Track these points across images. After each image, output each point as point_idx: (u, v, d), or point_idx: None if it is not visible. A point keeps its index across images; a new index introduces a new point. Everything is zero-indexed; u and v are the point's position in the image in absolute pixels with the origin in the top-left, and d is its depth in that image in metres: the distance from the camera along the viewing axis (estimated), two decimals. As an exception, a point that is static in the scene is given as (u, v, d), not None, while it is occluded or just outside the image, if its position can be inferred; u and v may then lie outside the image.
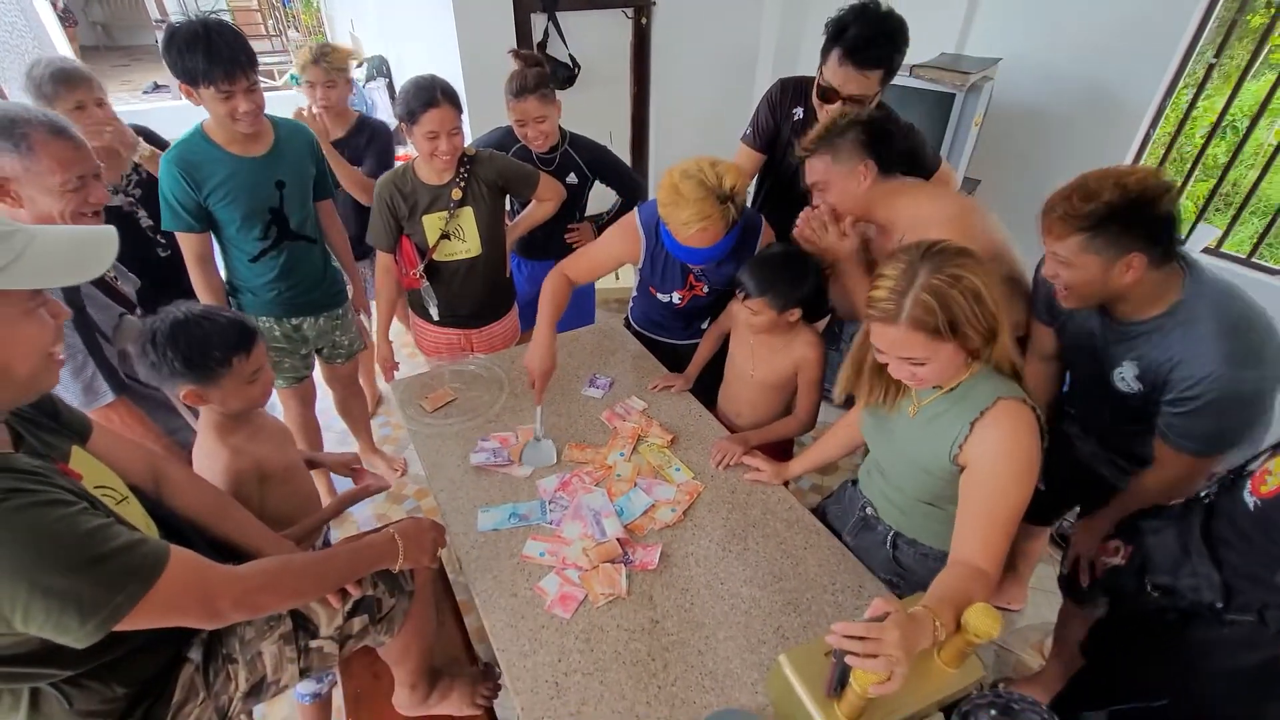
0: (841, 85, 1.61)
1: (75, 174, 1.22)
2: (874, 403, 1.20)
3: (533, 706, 1.07)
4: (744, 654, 1.15)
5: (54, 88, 1.61)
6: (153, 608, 0.78)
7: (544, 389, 1.61)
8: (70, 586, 0.72)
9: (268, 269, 1.82)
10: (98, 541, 0.75)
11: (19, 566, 0.70)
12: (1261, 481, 0.98)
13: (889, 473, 1.25)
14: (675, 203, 1.40)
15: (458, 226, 1.88)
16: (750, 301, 1.49)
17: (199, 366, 1.11)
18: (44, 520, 0.72)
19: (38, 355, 0.80)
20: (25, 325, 0.78)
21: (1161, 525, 1.18)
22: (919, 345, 0.99)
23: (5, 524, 0.70)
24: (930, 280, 0.96)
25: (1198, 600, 1.05)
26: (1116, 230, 1.10)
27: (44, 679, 0.84)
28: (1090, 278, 1.17)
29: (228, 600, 0.86)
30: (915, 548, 1.25)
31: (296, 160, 1.79)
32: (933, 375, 1.03)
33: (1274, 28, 2.47)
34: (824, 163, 1.43)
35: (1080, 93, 2.59)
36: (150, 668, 0.95)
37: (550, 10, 3.03)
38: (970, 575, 0.99)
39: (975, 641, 0.93)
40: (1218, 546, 1.05)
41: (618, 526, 1.35)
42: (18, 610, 0.71)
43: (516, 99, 1.98)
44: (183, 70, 1.50)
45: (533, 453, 1.55)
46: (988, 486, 1.02)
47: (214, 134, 1.66)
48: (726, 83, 3.62)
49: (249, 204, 1.71)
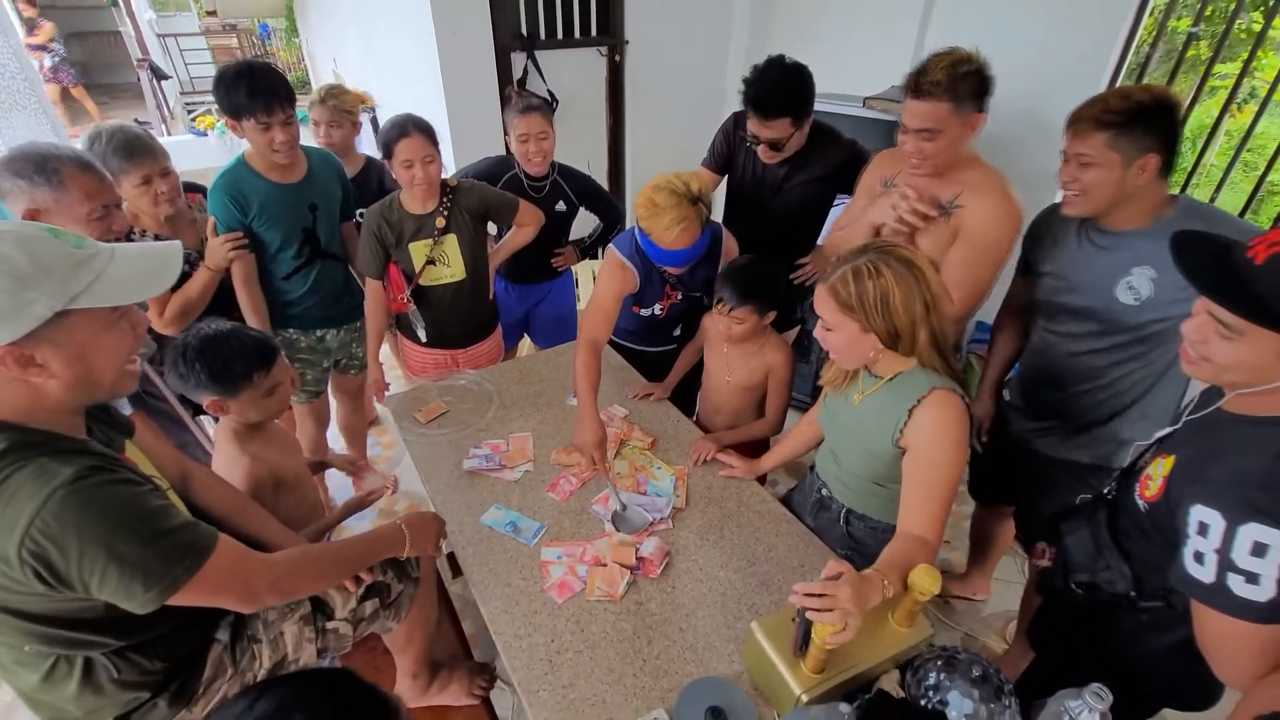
0: (758, 132, 1.84)
1: (100, 204, 1.35)
2: (831, 384, 1.35)
3: (529, 681, 1.16)
4: (721, 629, 1.26)
5: (119, 163, 1.60)
6: (202, 584, 0.88)
7: (604, 458, 1.59)
8: (140, 556, 0.83)
9: (299, 285, 1.99)
10: (162, 518, 0.86)
11: (101, 534, 0.80)
12: (1145, 486, 1.06)
13: (841, 458, 1.38)
14: (654, 214, 1.55)
15: (442, 253, 2.01)
16: (735, 312, 1.63)
17: (222, 379, 1.23)
18: (122, 496, 0.84)
19: (121, 362, 0.91)
20: (109, 336, 0.88)
21: (1076, 525, 1.26)
22: (829, 310, 1.16)
23: (92, 497, 0.81)
24: (859, 263, 1.12)
25: (1115, 592, 1.13)
26: (1140, 130, 1.23)
27: (98, 648, 0.93)
28: (1109, 176, 1.27)
29: (264, 583, 0.96)
30: (865, 522, 1.39)
31: (326, 185, 1.99)
32: (838, 345, 1.19)
33: (1189, 47, 2.73)
34: (944, 109, 1.42)
35: (1023, 118, 2.81)
36: (185, 646, 1.04)
37: (529, 50, 3.21)
38: (914, 544, 1.12)
39: (921, 599, 1.05)
40: (1123, 540, 1.14)
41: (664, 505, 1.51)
42: (95, 574, 0.81)
43: (522, 115, 2.13)
44: (228, 105, 1.69)
45: (621, 523, 1.48)
46: (926, 465, 1.16)
47: (255, 163, 1.83)
48: (697, 114, 3.83)
49: (287, 225, 1.89)
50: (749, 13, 3.61)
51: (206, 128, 5.96)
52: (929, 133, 1.45)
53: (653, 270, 1.77)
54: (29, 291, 0.78)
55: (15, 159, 1.33)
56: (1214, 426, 0.98)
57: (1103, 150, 1.26)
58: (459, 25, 3.01)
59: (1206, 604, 0.89)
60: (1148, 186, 1.29)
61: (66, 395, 0.87)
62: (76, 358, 0.85)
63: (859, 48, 3.23)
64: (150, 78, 6.74)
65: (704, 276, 1.83)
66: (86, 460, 0.84)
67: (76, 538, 0.79)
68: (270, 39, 10.65)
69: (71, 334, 0.83)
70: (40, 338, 0.81)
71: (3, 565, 0.80)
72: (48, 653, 0.92)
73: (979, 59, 1.43)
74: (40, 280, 0.79)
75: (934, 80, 1.40)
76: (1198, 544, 0.88)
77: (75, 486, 0.80)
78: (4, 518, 0.78)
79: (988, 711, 0.99)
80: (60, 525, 0.79)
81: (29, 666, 0.93)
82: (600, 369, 1.73)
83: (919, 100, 1.44)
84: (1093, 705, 0.89)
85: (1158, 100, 1.23)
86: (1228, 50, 3.50)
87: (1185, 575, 0.91)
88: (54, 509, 0.78)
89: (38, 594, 0.83)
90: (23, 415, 0.85)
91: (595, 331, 1.75)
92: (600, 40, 3.44)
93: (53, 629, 0.89)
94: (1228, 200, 3.86)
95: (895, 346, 1.16)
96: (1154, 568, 1.06)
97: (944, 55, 1.43)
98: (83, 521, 0.79)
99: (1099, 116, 1.26)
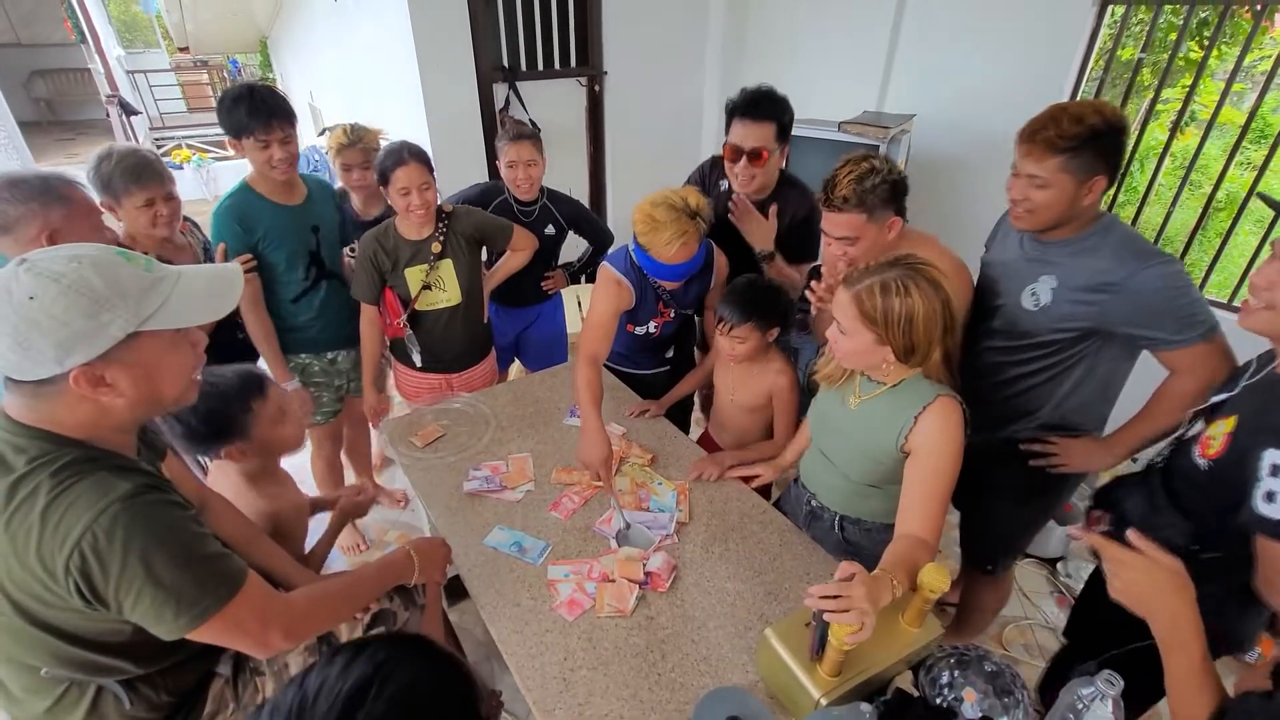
0: (742, 140, 1.84)
1: (98, 216, 1.36)
2: (828, 380, 1.38)
3: (544, 700, 1.15)
4: (733, 639, 1.26)
5: (124, 184, 1.60)
6: (226, 620, 0.87)
7: (610, 476, 1.60)
8: (175, 581, 0.82)
9: (308, 307, 2.01)
10: (201, 545, 0.86)
11: (144, 553, 0.80)
12: (1206, 445, 1.13)
13: (835, 460, 1.40)
14: (654, 229, 1.59)
15: (438, 278, 2.02)
16: (736, 331, 1.65)
17: (226, 422, 1.22)
18: (170, 517, 0.84)
19: (184, 380, 0.92)
20: (174, 355, 0.90)
21: (1131, 490, 1.32)
22: (849, 317, 1.19)
23: (144, 515, 0.81)
24: (888, 277, 1.15)
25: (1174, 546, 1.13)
26: (1092, 154, 1.26)
27: (115, 674, 0.91)
28: (1061, 197, 1.31)
29: (279, 629, 0.95)
30: (860, 525, 1.42)
31: (326, 208, 2.04)
32: (848, 349, 1.22)
33: (1137, 73, 2.90)
34: (859, 219, 1.44)
35: (984, 143, 2.96)
36: (190, 680, 1.01)
37: (511, 80, 3.28)
38: (916, 544, 1.16)
39: (930, 597, 1.08)
40: (1180, 501, 1.20)
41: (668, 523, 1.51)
42: (131, 594, 0.80)
43: (513, 141, 2.16)
44: (229, 124, 1.73)
45: (626, 542, 1.48)
46: (929, 468, 1.20)
47: (258, 186, 1.86)
48: (674, 142, 3.95)
49: (292, 247, 1.91)
50: (722, 44, 3.74)
51: (182, 161, 5.92)
52: (849, 240, 1.47)
53: (647, 286, 1.80)
54: (105, 314, 0.80)
55: (14, 185, 1.34)
56: (1272, 385, 1.06)
57: (1055, 173, 1.30)
58: (442, 57, 3.07)
59: (1277, 537, 0.95)
60: (1092, 206, 1.35)
61: (130, 413, 0.88)
62: (144, 377, 0.86)
63: (830, 76, 3.38)
64: (120, 114, 6.69)
65: (697, 293, 1.87)
66: (141, 478, 0.86)
67: (121, 554, 0.80)
68: (241, 74, 10.66)
69: (140, 354, 0.85)
70: (111, 358, 0.82)
71: (47, 577, 0.80)
72: (63, 678, 0.91)
73: (885, 166, 1.44)
74: (115, 303, 0.81)
75: (843, 196, 1.42)
76: (1269, 484, 0.95)
77: (131, 502, 0.81)
78: (60, 525, 0.78)
79: (1002, 706, 1.01)
80: (109, 539, 0.79)
81: (39, 693, 0.90)
82: (602, 385, 1.73)
83: (831, 212, 1.46)
84: (1105, 691, 0.91)
85: (1109, 123, 1.27)
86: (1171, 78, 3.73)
87: (1256, 515, 0.97)
88: (107, 523, 0.79)
89: (74, 609, 0.83)
90: (87, 432, 0.86)
91: (595, 347, 1.76)
92: (580, 71, 3.54)
93: (78, 649, 0.88)
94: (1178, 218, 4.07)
95: (906, 360, 1.20)
96: (1214, 522, 1.12)
97: (851, 167, 1.43)
98: (130, 539, 0.80)
99: (1053, 140, 1.28)
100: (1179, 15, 3.37)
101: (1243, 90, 4.69)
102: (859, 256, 1.49)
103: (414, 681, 0.57)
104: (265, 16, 6.93)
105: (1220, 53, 4.03)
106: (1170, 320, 1.31)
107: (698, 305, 1.94)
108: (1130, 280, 1.31)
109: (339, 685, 0.55)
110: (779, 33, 3.57)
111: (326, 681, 0.55)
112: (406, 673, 0.57)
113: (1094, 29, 2.57)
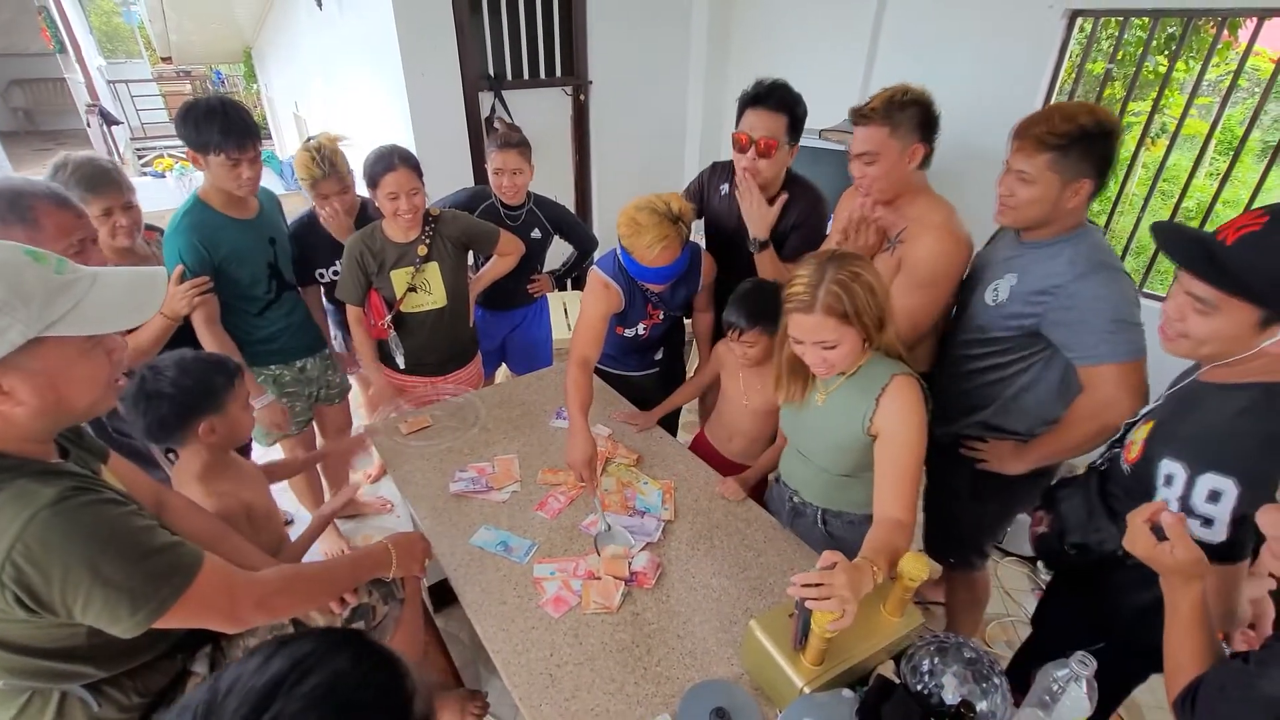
0: (752, 128, 1.80)
1: (75, 238, 1.32)
2: (790, 399, 1.39)
3: (531, 696, 1.15)
4: (718, 634, 1.27)
5: (80, 194, 1.53)
6: (189, 605, 0.86)
7: (594, 477, 1.60)
8: (126, 578, 0.80)
9: (273, 320, 1.99)
10: (148, 539, 0.83)
11: (86, 556, 0.78)
12: (1128, 450, 1.17)
13: (811, 457, 1.43)
14: (636, 232, 1.61)
15: (424, 280, 2.03)
16: (745, 336, 1.66)
17: (211, 390, 1.23)
18: (106, 516, 0.81)
19: (96, 389, 0.88)
20: (83, 364, 0.85)
21: (1071, 492, 1.34)
22: (831, 329, 1.19)
23: (75, 518, 0.78)
24: (837, 275, 1.17)
25: (1104, 551, 1.21)
26: (1080, 154, 1.27)
27: (79, 679, 0.89)
28: (1045, 195, 1.32)
29: (249, 602, 0.94)
30: (841, 518, 1.44)
31: (276, 219, 2.03)
32: (840, 359, 1.23)
33: (1105, 85, 2.98)
34: (882, 134, 1.46)
35: (961, 152, 3.02)
36: (162, 679, 1.00)
37: (496, 89, 3.31)
38: (893, 527, 1.18)
39: (910, 585, 1.10)
40: (1112, 504, 1.22)
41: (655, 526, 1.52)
42: (80, 598, 0.78)
43: (500, 149, 2.18)
44: (196, 139, 1.68)
45: (608, 542, 1.48)
46: (896, 448, 1.23)
47: (212, 200, 1.81)
48: (659, 150, 3.99)
49: (255, 261, 1.89)
50: (705, 54, 3.80)
51: (164, 169, 5.88)
52: (869, 155, 1.52)
53: (635, 289, 1.82)
54: (2, 318, 0.75)
55: None
56: (1188, 394, 1.08)
57: (1043, 170, 1.32)
58: (428, 67, 3.09)
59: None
60: (1076, 210, 1.35)
61: (34, 423, 0.83)
62: (46, 386, 0.81)
63: (811, 85, 3.41)
64: (100, 123, 6.64)
65: (684, 295, 1.89)
66: (67, 481, 0.82)
67: (61, 560, 0.77)
68: (225, 85, 10.62)
69: (43, 361, 0.80)
70: (9, 365, 0.77)
71: None
72: (23, 687, 0.88)
73: (919, 92, 1.49)
74: (15, 307, 0.76)
75: (871, 108, 1.49)
76: (1164, 494, 0.97)
77: (58, 508, 0.78)
78: None
79: (980, 691, 1.03)
80: (43, 548, 0.76)
81: (1, 705, 0.88)
82: (591, 387, 1.74)
83: (858, 126, 1.53)
84: (1078, 672, 0.94)
85: (1100, 124, 1.28)
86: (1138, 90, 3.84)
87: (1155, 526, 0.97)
88: (36, 531, 0.76)
89: (18, 620, 0.80)
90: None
91: (585, 350, 1.77)
92: (565, 80, 3.57)
93: (32, 659, 0.85)
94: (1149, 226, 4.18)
95: (880, 335, 1.22)
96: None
97: (887, 89, 1.51)
98: (66, 544, 0.77)
99: (1043, 137, 1.30)
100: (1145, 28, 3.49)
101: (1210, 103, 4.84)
102: (878, 178, 1.51)
103: (334, 677, 0.54)
104: (250, 26, 6.92)
105: (1187, 66, 4.16)
106: (1091, 334, 1.32)
107: (686, 307, 1.96)
108: (1070, 284, 1.33)
109: (253, 681, 0.52)
110: (761, 43, 3.64)
111: (241, 678, 0.52)
112: (328, 668, 0.54)
113: (1064, 41, 2.65)
